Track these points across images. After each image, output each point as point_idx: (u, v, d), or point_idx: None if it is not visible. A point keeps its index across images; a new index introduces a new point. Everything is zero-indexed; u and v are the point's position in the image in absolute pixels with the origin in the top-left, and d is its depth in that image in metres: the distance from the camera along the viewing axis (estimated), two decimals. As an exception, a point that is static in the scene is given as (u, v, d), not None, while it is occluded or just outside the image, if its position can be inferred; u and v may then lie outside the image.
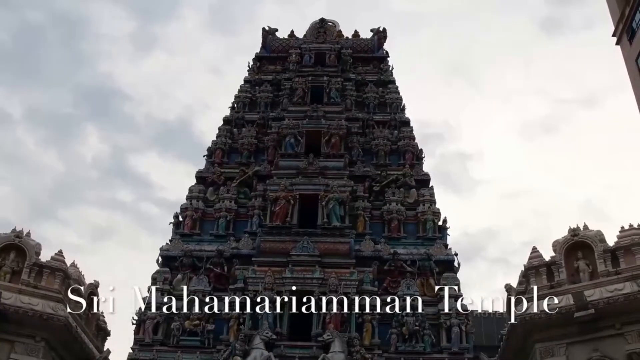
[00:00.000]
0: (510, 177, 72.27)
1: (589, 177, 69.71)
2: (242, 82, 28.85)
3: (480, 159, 72.11)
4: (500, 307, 24.68)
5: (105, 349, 21.49)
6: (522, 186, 72.10)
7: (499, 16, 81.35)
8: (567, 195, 66.61)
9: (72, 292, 19.54)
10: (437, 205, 23.54)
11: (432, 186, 24.33)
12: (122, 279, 55.78)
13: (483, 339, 25.43)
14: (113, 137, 73.46)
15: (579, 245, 18.14)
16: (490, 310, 28.53)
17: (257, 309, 20.12)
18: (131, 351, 20.29)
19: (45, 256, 19.07)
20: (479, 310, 27.72)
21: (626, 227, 18.01)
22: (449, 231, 23.20)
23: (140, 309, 21.10)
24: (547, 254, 18.49)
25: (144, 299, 21.35)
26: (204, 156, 26.14)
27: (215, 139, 26.45)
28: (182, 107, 76.12)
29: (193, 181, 24.97)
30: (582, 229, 18.42)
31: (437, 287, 21.18)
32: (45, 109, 71.93)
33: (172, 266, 22.21)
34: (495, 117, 77.01)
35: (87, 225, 65.66)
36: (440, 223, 23.11)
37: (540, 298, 17.53)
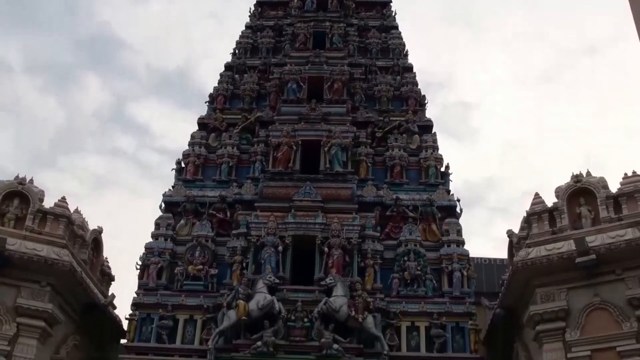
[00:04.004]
0: (511, 127, 71.84)
1: (591, 126, 69.30)
2: (244, 28, 28.56)
3: (481, 109, 71.60)
4: (501, 255, 24.93)
5: (110, 293, 21.76)
6: (524, 136, 71.76)
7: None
8: (569, 145, 66.35)
9: (76, 238, 19.71)
10: (440, 152, 23.51)
11: (434, 132, 24.27)
12: (125, 226, 56.31)
13: (484, 286, 25.59)
14: (113, 85, 73.04)
15: (581, 192, 18.14)
16: (491, 257, 28.65)
17: (260, 254, 20.29)
18: (135, 296, 20.50)
19: (48, 204, 19.16)
20: (480, 257, 27.81)
21: (629, 174, 18.01)
22: (451, 177, 23.24)
23: (143, 254, 21.26)
24: (550, 201, 18.54)
25: (147, 244, 21.50)
26: (205, 102, 26.05)
27: (216, 85, 26.30)
28: (182, 54, 75.50)
29: (194, 129, 24.90)
30: (585, 176, 18.41)
31: (439, 233, 21.35)
32: (44, 57, 71.25)
33: (175, 212, 22.29)
34: (497, 66, 76.25)
35: (88, 174, 65.72)
36: (442, 169, 23.08)
37: (542, 243, 17.61)
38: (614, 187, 17.90)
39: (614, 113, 66.99)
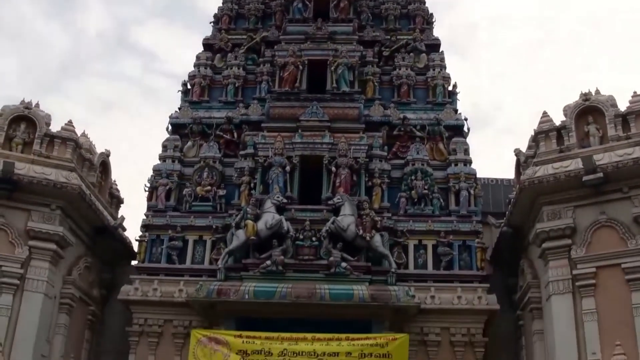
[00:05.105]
0: (520, 48, 70.42)
1: (602, 47, 67.89)
2: (248, -54, 27.88)
3: (489, 29, 70.08)
4: (508, 176, 24.92)
5: (119, 215, 21.97)
6: (533, 57, 70.38)
7: None
8: (579, 66, 65.12)
9: (84, 161, 19.79)
10: (447, 71, 23.25)
11: (442, 51, 23.92)
12: (132, 149, 56.41)
13: (490, 206, 25.60)
14: (116, 9, 71.66)
15: (590, 110, 18.01)
16: (498, 178, 28.66)
17: (268, 174, 20.36)
18: (145, 217, 20.68)
19: (54, 129, 19.15)
20: (487, 177, 27.81)
21: (639, 92, 17.83)
22: (458, 97, 23.06)
23: (152, 176, 21.36)
24: (558, 120, 18.43)
25: (155, 166, 21.58)
26: (210, 23, 25.68)
27: (221, 5, 25.90)
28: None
29: (198, 51, 24.60)
30: (593, 94, 18.25)
31: (446, 152, 21.32)
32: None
33: (182, 134, 22.27)
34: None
35: (94, 99, 65.17)
36: (450, 88, 22.88)
37: (549, 162, 17.60)
38: (623, 105, 17.76)
39: (627, 34, 65.62)
